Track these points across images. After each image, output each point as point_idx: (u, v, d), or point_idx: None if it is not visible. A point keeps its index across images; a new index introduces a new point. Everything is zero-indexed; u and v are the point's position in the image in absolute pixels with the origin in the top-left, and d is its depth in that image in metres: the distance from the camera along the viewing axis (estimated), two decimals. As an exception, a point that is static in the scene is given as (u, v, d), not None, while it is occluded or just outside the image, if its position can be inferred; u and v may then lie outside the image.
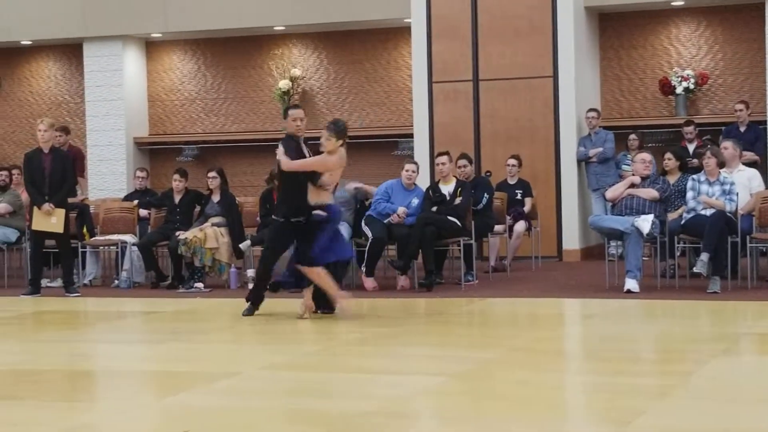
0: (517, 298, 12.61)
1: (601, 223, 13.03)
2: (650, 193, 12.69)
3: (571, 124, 16.36)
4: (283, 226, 11.10)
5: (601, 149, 16.20)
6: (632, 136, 16.38)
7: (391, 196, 13.68)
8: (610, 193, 13.04)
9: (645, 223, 12.39)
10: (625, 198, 12.80)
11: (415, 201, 13.66)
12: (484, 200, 14.15)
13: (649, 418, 6.48)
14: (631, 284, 12.35)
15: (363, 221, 13.60)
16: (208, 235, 13.83)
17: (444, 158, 13.85)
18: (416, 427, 6.74)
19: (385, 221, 13.47)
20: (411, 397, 7.36)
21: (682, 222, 12.82)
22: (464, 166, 14.41)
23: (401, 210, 13.46)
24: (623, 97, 17.64)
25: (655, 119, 17.36)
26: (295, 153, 11.04)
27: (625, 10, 17.30)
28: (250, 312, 11.24)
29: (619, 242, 13.04)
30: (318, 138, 11.17)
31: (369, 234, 13.41)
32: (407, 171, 13.78)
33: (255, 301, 11.32)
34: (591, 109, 16.43)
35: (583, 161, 16.40)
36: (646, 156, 13.13)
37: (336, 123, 11.19)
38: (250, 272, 13.75)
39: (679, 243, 12.93)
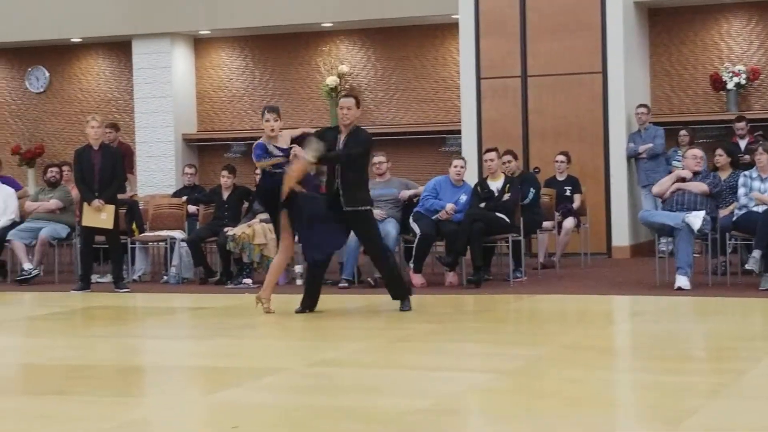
0: (566, 295, 12.54)
1: (651, 219, 12.92)
2: (700, 186, 12.58)
3: (620, 120, 16.26)
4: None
5: (651, 145, 16.09)
6: (683, 132, 16.26)
7: (439, 192, 13.64)
8: (657, 187, 12.95)
9: (696, 219, 12.28)
10: (676, 194, 12.69)
11: (463, 197, 13.62)
12: (531, 195, 14.11)
13: (700, 417, 6.41)
14: (681, 281, 12.25)
15: (411, 217, 13.59)
16: (257, 231, 13.84)
17: (492, 154, 13.79)
18: (467, 425, 6.71)
19: (433, 217, 13.44)
20: (461, 394, 7.33)
21: (734, 218, 12.71)
22: (509, 162, 14.37)
23: (449, 206, 13.43)
24: (673, 93, 17.51)
25: (705, 115, 17.22)
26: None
27: (675, 5, 17.16)
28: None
29: (670, 239, 12.93)
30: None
31: (417, 230, 13.38)
32: (456, 167, 13.74)
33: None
34: (641, 105, 16.31)
35: (632, 157, 16.30)
36: (698, 152, 13.01)
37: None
38: (298, 268, 13.77)
39: (730, 240, 12.81)
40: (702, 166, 12.87)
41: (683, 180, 12.74)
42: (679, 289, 12.19)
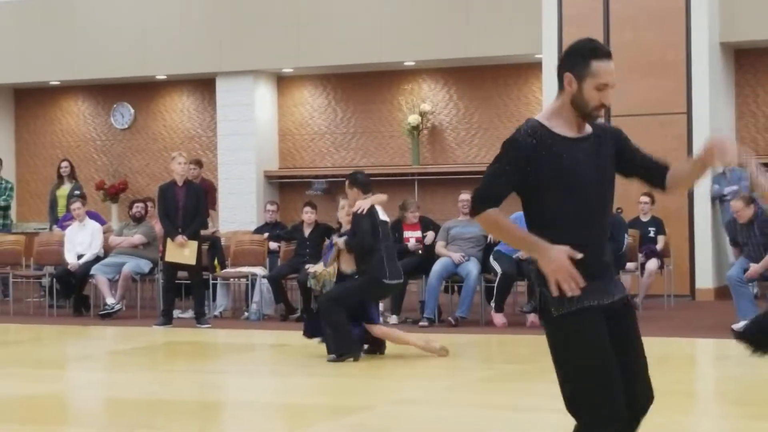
0: (649, 338, 12.35)
1: (734, 292, 12.63)
2: None
3: (705, 162, 16.10)
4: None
5: (736, 187, 15.92)
6: (769, 174, 16.07)
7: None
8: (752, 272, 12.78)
9: None
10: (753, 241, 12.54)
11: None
12: (626, 241, 14.05)
13: (791, 464, 6.32)
14: None
15: (491, 256, 13.54)
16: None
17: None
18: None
19: (514, 256, 13.39)
20: (544, 436, 7.29)
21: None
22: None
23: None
24: (759, 134, 17.33)
25: (792, 157, 17.02)
26: None
27: (762, 47, 17.01)
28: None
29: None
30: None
31: (498, 269, 13.34)
32: None
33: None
34: (726, 146, 16.15)
35: (717, 199, 16.15)
36: (734, 204, 12.88)
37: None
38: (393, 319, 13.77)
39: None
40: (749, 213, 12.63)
41: None
42: None
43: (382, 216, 11.17)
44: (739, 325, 12.04)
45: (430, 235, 14.14)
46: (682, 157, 16.03)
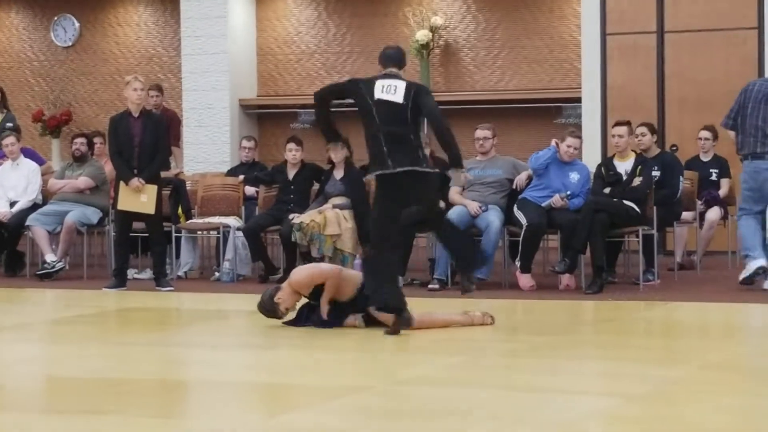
0: (709, 303, 12.47)
1: None
2: None
3: (779, 88, 16.10)
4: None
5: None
6: None
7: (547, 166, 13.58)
8: None
9: None
10: None
11: (575, 177, 13.56)
12: (681, 184, 14.03)
13: None
14: None
15: (516, 205, 13.55)
16: (329, 219, 13.92)
17: (622, 129, 13.72)
18: (585, 460, 6.73)
19: (544, 204, 13.38)
20: (577, 423, 7.33)
21: None
22: (642, 136, 14.26)
23: (557, 198, 13.34)
24: (841, 53, 17.31)
25: None
26: None
27: None
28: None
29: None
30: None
31: (523, 220, 13.34)
32: (570, 146, 13.61)
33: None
34: (805, 69, 16.17)
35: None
36: None
37: None
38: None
39: None
40: None
41: None
42: None
43: (381, 94, 10.73)
44: None
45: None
46: (748, 79, 16.00)
